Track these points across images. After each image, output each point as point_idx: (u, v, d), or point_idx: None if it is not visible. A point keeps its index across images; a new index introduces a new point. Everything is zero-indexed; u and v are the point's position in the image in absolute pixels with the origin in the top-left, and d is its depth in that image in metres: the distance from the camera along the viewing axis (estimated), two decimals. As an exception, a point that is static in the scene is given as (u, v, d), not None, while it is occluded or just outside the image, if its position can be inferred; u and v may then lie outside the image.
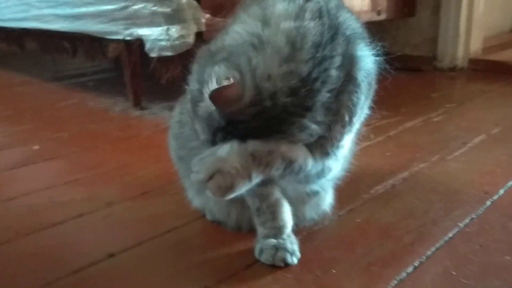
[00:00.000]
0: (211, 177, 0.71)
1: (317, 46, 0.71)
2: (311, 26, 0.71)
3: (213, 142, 0.76)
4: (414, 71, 2.50)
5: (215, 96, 0.69)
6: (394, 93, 0.85)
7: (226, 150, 0.72)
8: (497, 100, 2.04)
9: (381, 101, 0.88)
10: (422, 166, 1.33)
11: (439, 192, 1.16)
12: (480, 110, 1.89)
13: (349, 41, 0.75)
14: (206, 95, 0.70)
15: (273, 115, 0.71)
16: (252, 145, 0.72)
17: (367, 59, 0.78)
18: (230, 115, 0.71)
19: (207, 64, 0.74)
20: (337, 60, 0.73)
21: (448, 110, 1.88)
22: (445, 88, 2.37)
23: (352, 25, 0.78)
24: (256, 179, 0.75)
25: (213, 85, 0.69)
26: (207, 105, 0.72)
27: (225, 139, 0.74)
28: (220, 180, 0.71)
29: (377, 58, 0.80)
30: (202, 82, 0.74)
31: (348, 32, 0.76)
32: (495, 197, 1.12)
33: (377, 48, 0.80)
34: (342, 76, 0.73)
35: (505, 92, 2.16)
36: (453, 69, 2.57)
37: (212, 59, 0.74)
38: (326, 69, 0.71)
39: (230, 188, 0.72)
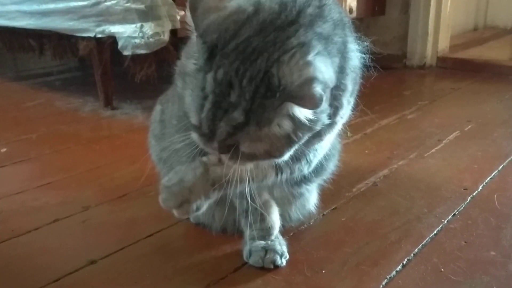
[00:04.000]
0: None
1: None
2: None
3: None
4: (385, 69, 2.52)
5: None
6: (367, 91, 0.83)
7: (191, 179, 0.78)
8: (467, 97, 2.09)
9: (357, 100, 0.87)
10: (401, 163, 1.34)
11: (420, 189, 1.17)
12: (452, 107, 1.93)
13: (345, 29, 0.72)
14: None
15: None
16: (213, 172, 0.77)
17: (354, 54, 0.74)
18: None
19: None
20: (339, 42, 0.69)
21: (421, 107, 1.91)
22: (416, 85, 2.41)
23: (344, 15, 0.76)
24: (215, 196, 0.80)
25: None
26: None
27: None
28: (187, 207, 0.78)
29: (363, 55, 0.77)
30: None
31: (344, 18, 0.73)
32: (474, 193, 1.14)
33: (364, 45, 0.78)
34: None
35: (474, 90, 2.21)
36: (422, 67, 2.62)
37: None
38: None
39: (195, 211, 0.79)
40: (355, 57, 0.74)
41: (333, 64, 0.66)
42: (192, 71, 0.64)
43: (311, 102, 0.59)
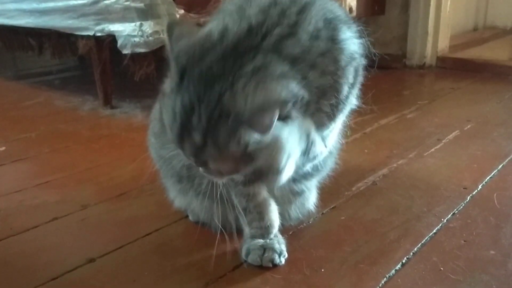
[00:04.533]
0: None
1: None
2: None
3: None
4: (384, 68, 2.53)
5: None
6: (366, 91, 0.83)
7: None
8: (466, 97, 2.09)
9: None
10: (401, 163, 1.34)
11: (420, 188, 1.17)
12: (451, 107, 1.93)
13: (332, 25, 0.71)
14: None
15: None
16: None
17: (349, 41, 0.73)
18: None
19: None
20: (322, 45, 0.69)
21: (421, 107, 1.91)
22: (416, 85, 2.41)
23: (333, 10, 0.75)
24: None
25: None
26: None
27: None
28: None
29: (360, 40, 0.75)
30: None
31: (329, 16, 0.73)
32: (474, 193, 1.14)
33: (357, 30, 0.75)
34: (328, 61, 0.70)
35: (473, 89, 2.21)
36: (422, 66, 2.62)
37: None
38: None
39: None
40: (351, 43, 0.73)
41: (305, 79, 0.67)
42: (168, 92, 0.68)
43: (261, 129, 0.63)
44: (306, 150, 0.77)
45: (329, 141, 0.84)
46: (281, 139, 0.66)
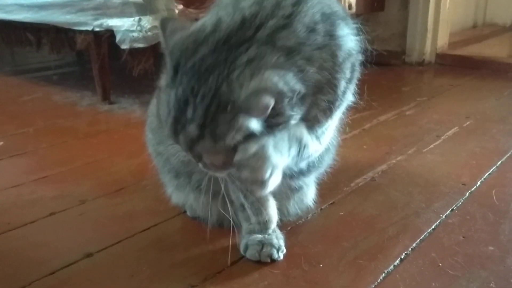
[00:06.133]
0: None
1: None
2: None
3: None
4: (384, 65, 2.52)
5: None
6: (366, 87, 0.83)
7: None
8: (465, 93, 2.09)
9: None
10: (400, 159, 1.33)
11: (419, 184, 1.17)
12: (451, 103, 1.93)
13: (330, 20, 0.71)
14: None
15: None
16: None
17: (347, 38, 0.73)
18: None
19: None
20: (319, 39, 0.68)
21: (420, 103, 1.91)
22: (415, 82, 2.41)
23: (331, 5, 0.75)
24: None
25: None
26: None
27: None
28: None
29: (358, 37, 0.75)
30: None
31: (327, 11, 0.72)
32: (473, 189, 1.14)
33: (355, 27, 0.75)
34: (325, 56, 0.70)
35: (472, 86, 2.21)
36: (421, 63, 2.61)
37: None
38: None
39: None
40: (349, 40, 0.73)
41: (301, 72, 0.66)
42: (164, 87, 0.69)
43: (259, 111, 0.62)
44: (298, 154, 0.77)
45: (325, 138, 0.83)
46: (265, 152, 0.66)
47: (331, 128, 0.83)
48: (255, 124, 0.64)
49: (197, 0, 1.67)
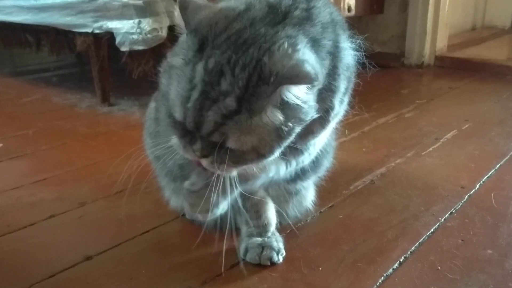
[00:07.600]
0: None
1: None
2: None
3: None
4: (383, 67, 2.53)
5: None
6: (365, 89, 0.83)
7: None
8: (464, 96, 2.09)
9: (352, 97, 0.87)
10: (399, 162, 1.34)
11: (418, 187, 1.17)
12: (450, 106, 1.93)
13: (335, 28, 0.72)
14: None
15: None
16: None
17: (347, 52, 0.74)
18: None
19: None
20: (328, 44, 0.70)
21: (419, 106, 1.91)
22: (414, 84, 2.41)
23: (336, 12, 0.76)
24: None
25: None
26: None
27: None
28: (216, 210, 0.84)
29: (357, 53, 0.76)
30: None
31: (336, 17, 0.74)
32: (471, 192, 1.14)
33: (357, 42, 0.77)
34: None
35: (471, 89, 2.21)
36: (420, 65, 2.62)
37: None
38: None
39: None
40: (349, 55, 0.74)
41: (322, 65, 0.68)
42: (179, 65, 0.65)
43: (306, 77, 0.60)
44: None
45: (316, 146, 0.84)
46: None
47: (323, 135, 0.82)
48: (296, 96, 0.63)
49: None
